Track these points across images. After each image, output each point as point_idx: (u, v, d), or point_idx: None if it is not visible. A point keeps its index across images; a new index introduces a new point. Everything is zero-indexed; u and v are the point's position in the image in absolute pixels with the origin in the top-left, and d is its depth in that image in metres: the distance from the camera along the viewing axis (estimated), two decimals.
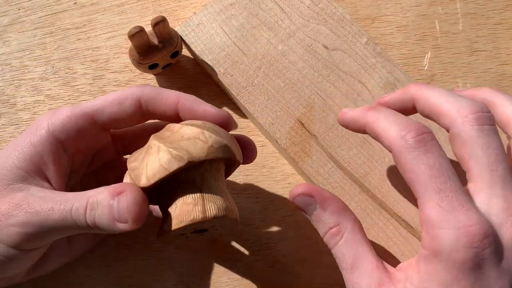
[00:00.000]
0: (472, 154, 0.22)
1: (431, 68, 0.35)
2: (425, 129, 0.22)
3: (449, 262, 0.20)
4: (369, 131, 0.24)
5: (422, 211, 0.21)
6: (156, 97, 0.25)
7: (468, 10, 0.36)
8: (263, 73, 0.32)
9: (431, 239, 0.20)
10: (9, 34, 0.35)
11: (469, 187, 0.22)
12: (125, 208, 0.21)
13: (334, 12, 0.33)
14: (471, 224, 0.20)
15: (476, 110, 0.22)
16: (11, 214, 0.22)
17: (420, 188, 0.21)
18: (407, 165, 0.21)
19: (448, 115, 0.22)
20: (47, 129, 0.24)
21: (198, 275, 0.31)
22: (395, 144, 0.22)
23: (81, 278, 0.31)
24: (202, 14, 0.33)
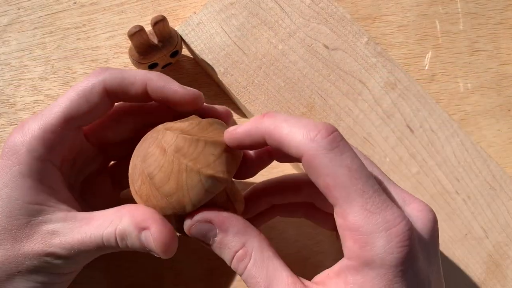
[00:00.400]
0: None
1: (431, 68, 0.35)
2: (332, 126, 0.20)
3: (383, 268, 0.19)
4: (271, 140, 0.21)
5: (345, 219, 0.19)
6: (121, 83, 0.23)
7: (468, 9, 0.36)
8: (263, 73, 0.32)
9: (359, 247, 0.19)
10: (9, 34, 0.35)
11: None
12: (153, 246, 0.21)
13: (335, 11, 0.33)
14: (398, 222, 0.19)
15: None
16: (47, 252, 0.22)
17: (341, 193, 0.19)
18: (323, 169, 0.19)
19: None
20: (30, 154, 0.22)
21: (198, 275, 0.31)
22: (306, 147, 0.19)
23: (81, 278, 0.31)
24: (202, 14, 0.33)
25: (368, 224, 0.19)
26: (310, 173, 0.20)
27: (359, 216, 0.19)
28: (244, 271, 0.21)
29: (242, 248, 0.21)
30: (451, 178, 0.32)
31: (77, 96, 0.23)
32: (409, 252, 0.19)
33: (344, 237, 0.20)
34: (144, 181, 0.22)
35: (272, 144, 0.21)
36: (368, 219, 0.19)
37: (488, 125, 0.35)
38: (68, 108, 0.23)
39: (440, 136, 0.32)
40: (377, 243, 0.19)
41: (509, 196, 0.32)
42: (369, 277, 0.19)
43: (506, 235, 0.31)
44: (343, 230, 0.20)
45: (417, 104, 0.32)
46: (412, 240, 0.19)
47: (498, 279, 0.31)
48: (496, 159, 0.34)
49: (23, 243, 0.22)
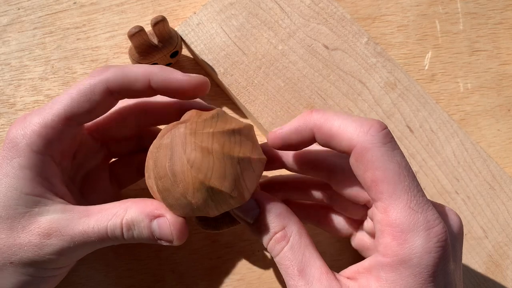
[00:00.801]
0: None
1: (431, 68, 0.35)
2: (383, 123, 0.20)
3: (419, 267, 0.19)
4: (321, 134, 0.21)
5: (387, 214, 0.19)
6: (124, 81, 0.23)
7: (468, 9, 0.36)
8: (263, 73, 0.32)
9: (398, 244, 0.19)
10: (9, 34, 0.35)
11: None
12: (169, 232, 0.22)
13: (335, 11, 0.33)
14: (438, 223, 0.19)
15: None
16: (45, 244, 0.22)
17: (388, 188, 0.19)
18: (375, 162, 0.19)
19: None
20: (29, 148, 0.22)
21: (198, 275, 0.31)
22: (359, 140, 0.19)
23: (81, 278, 0.31)
24: (202, 14, 0.33)
25: (410, 222, 0.19)
26: (358, 167, 0.20)
27: (402, 213, 0.19)
28: (280, 253, 0.22)
29: (282, 230, 0.22)
30: (450, 178, 0.32)
31: (78, 95, 0.23)
32: (444, 253, 0.19)
33: (382, 233, 0.20)
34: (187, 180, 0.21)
35: (322, 138, 0.21)
36: (410, 216, 0.19)
37: (488, 125, 0.35)
38: (69, 106, 0.23)
39: (440, 136, 0.32)
40: (416, 242, 0.19)
41: (508, 196, 0.32)
42: (403, 275, 0.19)
43: (506, 235, 0.31)
44: (383, 226, 0.20)
45: (417, 104, 0.32)
46: (447, 242, 0.19)
47: (498, 279, 0.31)
48: (496, 159, 0.34)
49: (19, 234, 0.22)
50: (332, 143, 0.21)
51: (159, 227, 0.22)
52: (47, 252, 0.22)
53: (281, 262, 0.22)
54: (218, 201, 0.21)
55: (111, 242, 0.23)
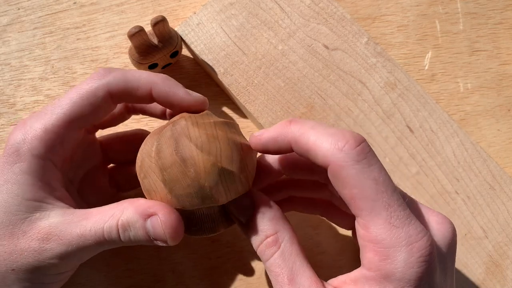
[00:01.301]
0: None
1: (431, 67, 0.35)
2: (360, 137, 0.20)
3: (402, 282, 0.19)
4: (298, 147, 0.21)
5: (368, 230, 0.19)
6: (125, 87, 0.23)
7: (468, 9, 0.36)
8: (263, 73, 0.32)
9: (381, 259, 0.19)
10: (9, 34, 0.35)
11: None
12: (162, 231, 0.21)
13: (335, 11, 0.33)
14: (420, 237, 0.19)
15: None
16: (44, 248, 0.22)
17: (366, 205, 0.19)
18: (350, 180, 0.19)
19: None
20: (30, 153, 0.22)
21: (198, 275, 0.31)
22: (333, 157, 0.19)
23: (81, 278, 0.31)
24: (202, 14, 0.33)
25: (391, 238, 0.19)
26: (336, 183, 0.20)
27: (382, 230, 0.19)
28: (270, 258, 0.21)
29: (274, 235, 0.22)
30: (450, 178, 0.32)
31: (80, 99, 0.23)
32: (428, 267, 0.19)
33: (365, 248, 0.20)
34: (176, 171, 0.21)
35: (298, 151, 0.21)
36: (391, 232, 0.19)
37: (488, 125, 0.35)
38: (70, 111, 0.23)
39: (440, 136, 0.32)
40: (398, 257, 0.19)
41: (508, 196, 0.32)
42: None
43: (506, 235, 0.31)
44: (365, 241, 0.20)
45: (417, 104, 0.32)
46: (432, 256, 0.19)
47: (498, 279, 0.31)
48: (496, 159, 0.34)
49: (20, 239, 0.22)
50: (308, 157, 0.21)
51: (153, 226, 0.22)
52: (47, 257, 0.22)
53: (271, 269, 0.21)
54: (228, 185, 0.21)
55: (109, 245, 0.22)
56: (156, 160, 0.21)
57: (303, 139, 0.21)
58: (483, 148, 0.32)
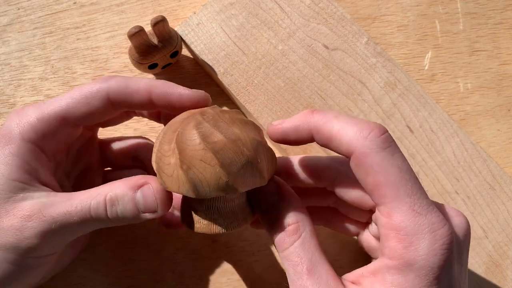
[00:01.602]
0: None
1: (431, 68, 0.35)
2: (384, 127, 0.20)
3: (425, 269, 0.19)
4: (321, 135, 0.21)
5: (391, 218, 0.19)
6: (125, 91, 0.24)
7: (468, 9, 0.36)
8: (263, 73, 0.32)
9: (404, 247, 0.19)
10: (9, 34, 0.35)
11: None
12: (153, 198, 0.22)
13: (335, 11, 0.33)
14: (442, 225, 0.19)
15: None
16: (26, 226, 0.21)
17: (390, 192, 0.19)
18: (374, 167, 0.19)
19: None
20: (21, 136, 0.23)
21: (198, 275, 0.31)
22: (358, 144, 0.20)
23: (81, 278, 0.31)
24: (202, 14, 0.33)
25: (415, 225, 0.19)
26: (359, 171, 0.20)
27: (406, 216, 0.19)
28: (290, 247, 0.21)
29: (295, 224, 0.21)
30: (450, 178, 0.32)
31: (79, 97, 0.23)
32: (449, 255, 0.19)
33: (387, 236, 0.20)
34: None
35: (320, 140, 0.21)
36: (414, 219, 0.19)
37: (488, 125, 0.35)
38: (67, 106, 0.23)
39: (440, 136, 0.32)
40: (421, 244, 0.19)
41: (508, 196, 0.32)
42: (409, 278, 0.19)
43: (506, 235, 0.31)
44: (387, 229, 0.20)
45: (417, 104, 0.32)
46: (453, 244, 0.19)
47: (498, 279, 0.31)
48: (495, 159, 0.34)
49: (2, 218, 0.22)
50: (331, 145, 0.21)
51: (143, 195, 0.22)
52: (28, 235, 0.21)
53: (290, 258, 0.21)
54: (267, 162, 0.21)
55: (95, 224, 0.22)
56: (205, 145, 0.20)
57: (327, 128, 0.21)
58: (483, 148, 0.32)
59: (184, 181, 0.20)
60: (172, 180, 0.21)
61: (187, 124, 0.21)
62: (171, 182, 0.21)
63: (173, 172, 0.21)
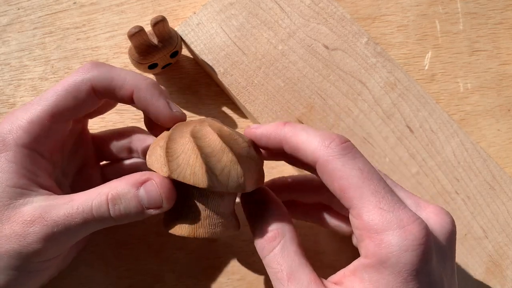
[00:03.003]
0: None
1: (431, 68, 0.35)
2: (346, 138, 0.22)
3: (398, 266, 0.19)
4: (288, 145, 0.23)
5: (361, 218, 0.20)
6: (109, 85, 0.24)
7: (468, 9, 0.36)
8: (263, 73, 0.32)
9: (376, 246, 0.19)
10: (9, 34, 0.35)
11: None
12: (158, 193, 0.22)
13: (335, 11, 0.33)
14: (412, 221, 0.19)
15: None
16: (29, 232, 0.21)
17: (355, 193, 0.20)
18: (337, 172, 0.20)
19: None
20: (15, 142, 0.23)
21: (198, 275, 0.31)
22: (321, 153, 0.21)
23: (81, 278, 0.31)
24: (202, 14, 0.33)
25: (383, 222, 0.19)
26: (325, 178, 0.21)
27: (373, 215, 0.20)
28: (270, 254, 0.22)
29: (275, 231, 0.23)
30: (450, 178, 0.32)
31: (64, 92, 0.24)
32: (424, 251, 0.19)
33: (361, 237, 0.20)
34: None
35: (289, 150, 0.23)
36: (382, 217, 0.19)
37: (488, 125, 0.35)
38: (54, 103, 0.23)
39: (440, 136, 0.32)
40: (391, 241, 0.19)
41: (508, 196, 0.32)
42: (384, 275, 0.19)
43: (506, 235, 0.31)
44: (360, 230, 0.20)
45: (417, 104, 0.32)
46: (427, 240, 0.19)
47: (498, 279, 0.31)
48: (495, 159, 0.34)
49: (4, 225, 0.22)
50: (298, 155, 0.22)
51: (147, 191, 0.22)
52: (31, 241, 0.21)
53: (270, 265, 0.22)
54: (254, 176, 0.23)
55: (98, 224, 0.22)
56: (226, 141, 0.22)
57: (294, 139, 0.22)
58: (483, 148, 0.32)
59: (202, 171, 0.21)
60: (186, 168, 0.21)
61: (185, 133, 0.23)
62: (185, 170, 0.21)
63: (189, 160, 0.21)
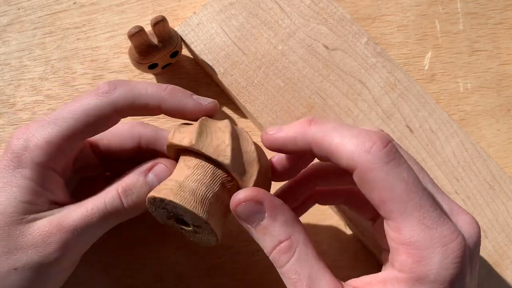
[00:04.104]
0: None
1: (431, 68, 0.35)
2: (387, 137, 0.19)
3: (436, 284, 0.18)
4: (320, 150, 0.20)
5: (400, 233, 0.19)
6: (132, 106, 0.23)
7: (468, 9, 0.36)
8: (263, 73, 0.32)
9: (415, 262, 0.19)
10: (9, 34, 0.35)
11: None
12: (168, 173, 0.22)
13: (334, 11, 0.33)
14: (454, 238, 0.19)
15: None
16: (49, 241, 0.22)
17: (398, 207, 0.19)
18: (379, 183, 0.19)
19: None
20: (32, 160, 0.22)
21: (198, 275, 0.31)
22: (360, 160, 0.19)
23: (81, 278, 0.31)
24: (202, 14, 0.33)
25: (425, 239, 0.18)
26: (363, 186, 0.19)
27: (415, 231, 0.18)
28: (286, 264, 0.20)
29: (288, 240, 0.20)
30: (450, 178, 0.32)
31: (83, 115, 0.23)
32: (461, 268, 0.19)
33: (397, 250, 0.19)
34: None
35: (320, 154, 0.20)
36: (424, 233, 0.18)
37: (488, 125, 0.35)
38: (74, 125, 0.23)
39: (439, 136, 0.32)
40: (433, 259, 0.18)
41: (508, 196, 0.32)
42: None
43: (506, 235, 0.31)
44: (397, 244, 0.19)
45: (417, 104, 0.32)
46: (465, 257, 0.19)
47: (498, 279, 0.31)
48: (495, 159, 0.34)
49: (19, 239, 0.22)
50: (331, 159, 0.20)
51: (156, 174, 0.22)
52: (53, 249, 0.22)
53: (288, 276, 0.20)
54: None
55: (114, 219, 0.23)
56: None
57: (326, 141, 0.20)
58: (483, 148, 0.32)
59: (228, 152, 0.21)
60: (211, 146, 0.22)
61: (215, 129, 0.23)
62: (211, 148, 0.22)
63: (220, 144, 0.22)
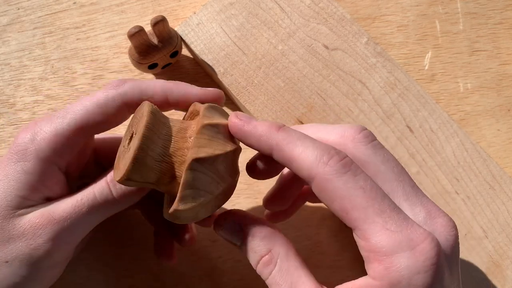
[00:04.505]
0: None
1: (431, 67, 0.35)
2: (345, 153, 0.20)
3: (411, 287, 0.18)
4: (281, 154, 0.21)
5: (367, 240, 0.19)
6: (140, 97, 0.24)
7: (468, 9, 0.36)
8: (263, 73, 0.32)
9: (385, 269, 0.18)
10: (9, 34, 0.35)
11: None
12: None
13: (335, 11, 0.33)
14: (423, 239, 0.18)
15: (366, 133, 0.21)
16: (38, 234, 0.22)
17: (359, 215, 0.19)
18: (338, 192, 0.19)
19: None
20: (36, 154, 0.22)
21: (198, 275, 0.31)
22: (318, 171, 0.19)
23: (81, 278, 0.31)
24: (202, 14, 0.33)
25: (392, 244, 0.18)
26: (323, 197, 0.20)
27: (380, 237, 0.18)
28: (269, 276, 0.21)
29: (268, 254, 0.21)
30: (450, 178, 0.32)
31: (94, 106, 0.23)
32: (436, 270, 0.18)
33: (368, 258, 0.19)
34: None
35: (280, 159, 0.21)
36: (390, 238, 0.18)
37: (488, 125, 0.35)
38: (83, 117, 0.23)
39: (440, 136, 0.32)
40: (402, 264, 0.18)
41: (508, 196, 0.32)
42: None
43: (506, 235, 0.31)
44: (366, 252, 0.19)
45: (417, 104, 0.32)
46: (439, 258, 0.18)
47: (498, 279, 0.31)
48: (495, 159, 0.34)
49: (10, 232, 0.22)
50: (291, 167, 0.21)
51: None
52: (43, 241, 0.22)
53: (272, 286, 0.21)
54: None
55: (104, 210, 0.23)
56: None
57: (288, 149, 0.20)
58: (483, 148, 0.32)
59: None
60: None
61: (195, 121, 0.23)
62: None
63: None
